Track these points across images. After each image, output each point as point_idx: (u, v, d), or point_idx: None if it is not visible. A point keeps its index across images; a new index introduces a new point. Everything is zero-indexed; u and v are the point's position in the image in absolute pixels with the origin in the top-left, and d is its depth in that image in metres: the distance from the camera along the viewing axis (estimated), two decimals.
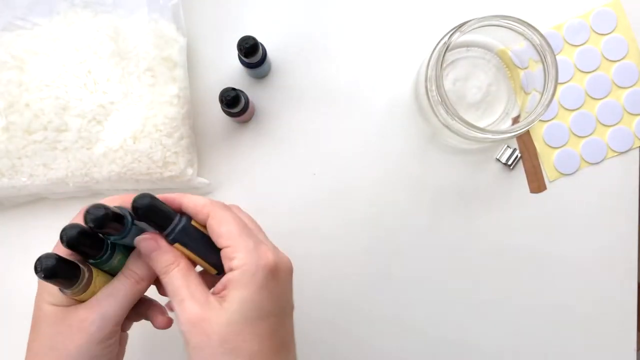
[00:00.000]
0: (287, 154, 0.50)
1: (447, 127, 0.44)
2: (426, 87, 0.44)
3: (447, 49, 0.42)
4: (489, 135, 0.42)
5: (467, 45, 0.48)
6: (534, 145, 0.51)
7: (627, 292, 0.51)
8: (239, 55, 0.45)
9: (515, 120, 0.48)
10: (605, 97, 0.51)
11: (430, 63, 0.43)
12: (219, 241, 0.32)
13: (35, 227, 0.50)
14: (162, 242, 0.33)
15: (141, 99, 0.44)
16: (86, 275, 0.32)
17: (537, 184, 0.51)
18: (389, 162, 0.50)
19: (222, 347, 0.30)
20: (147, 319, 0.37)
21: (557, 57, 0.50)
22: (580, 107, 0.51)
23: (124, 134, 0.44)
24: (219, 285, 0.32)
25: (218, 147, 0.50)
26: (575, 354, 0.51)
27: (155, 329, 0.37)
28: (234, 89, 0.43)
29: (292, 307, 0.35)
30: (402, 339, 0.50)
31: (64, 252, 0.32)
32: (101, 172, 0.44)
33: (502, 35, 0.44)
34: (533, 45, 0.43)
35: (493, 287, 0.51)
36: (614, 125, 0.51)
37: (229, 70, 0.50)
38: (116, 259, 0.33)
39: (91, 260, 0.33)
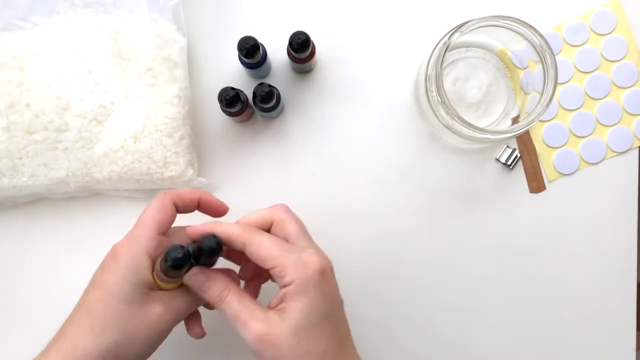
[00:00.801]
0: (287, 154, 0.50)
1: (447, 127, 0.44)
2: (426, 87, 0.44)
3: (447, 49, 0.42)
4: (489, 136, 0.43)
5: (467, 45, 0.48)
6: (534, 145, 0.51)
7: (626, 292, 0.51)
8: (239, 56, 0.46)
9: (515, 120, 0.48)
10: (605, 97, 0.51)
11: (430, 63, 0.43)
12: (265, 264, 0.35)
13: (36, 227, 0.50)
14: (210, 273, 0.36)
15: (142, 99, 0.44)
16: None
17: (536, 184, 0.51)
18: (389, 162, 0.50)
19: (294, 354, 0.33)
20: (185, 323, 0.40)
21: (557, 57, 0.50)
22: (580, 107, 0.51)
23: (125, 134, 0.44)
24: (274, 300, 0.35)
25: (218, 147, 0.50)
26: (575, 353, 0.51)
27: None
28: (233, 88, 0.43)
29: (342, 302, 0.38)
30: (399, 339, 0.50)
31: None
32: (102, 172, 0.44)
33: (502, 36, 0.44)
34: (533, 45, 0.43)
35: (492, 286, 0.51)
36: (614, 125, 0.51)
37: (229, 71, 0.50)
38: None
39: None
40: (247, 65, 0.47)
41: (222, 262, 0.39)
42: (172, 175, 0.45)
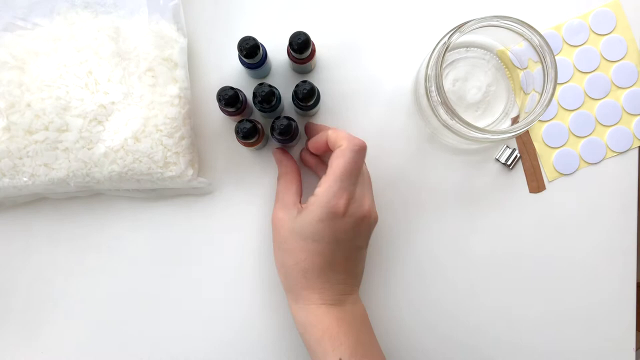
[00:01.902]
0: None
1: (446, 127, 0.44)
2: (426, 87, 0.44)
3: (446, 49, 0.42)
4: (489, 136, 0.43)
5: (467, 45, 0.48)
6: (534, 145, 0.51)
7: (626, 292, 0.51)
8: (239, 56, 0.46)
9: (515, 120, 0.48)
10: (605, 97, 0.51)
11: (430, 63, 0.43)
12: (328, 169, 0.41)
13: (36, 227, 0.50)
14: (285, 155, 0.48)
15: (142, 99, 0.44)
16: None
17: (536, 184, 0.51)
18: (389, 161, 0.50)
19: (283, 244, 0.43)
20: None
21: (557, 57, 0.50)
22: (580, 107, 0.51)
23: (125, 134, 0.44)
24: (310, 198, 0.42)
25: (219, 147, 0.50)
26: (575, 353, 0.51)
27: None
28: (232, 87, 0.43)
29: (357, 244, 0.44)
30: (401, 339, 0.50)
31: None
32: (102, 172, 0.44)
33: (502, 36, 0.44)
34: (532, 45, 0.43)
35: (492, 286, 0.51)
36: (613, 125, 0.51)
37: (230, 71, 0.50)
38: None
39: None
40: (247, 66, 0.47)
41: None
42: (172, 175, 0.45)
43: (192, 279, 0.50)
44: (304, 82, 0.43)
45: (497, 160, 0.51)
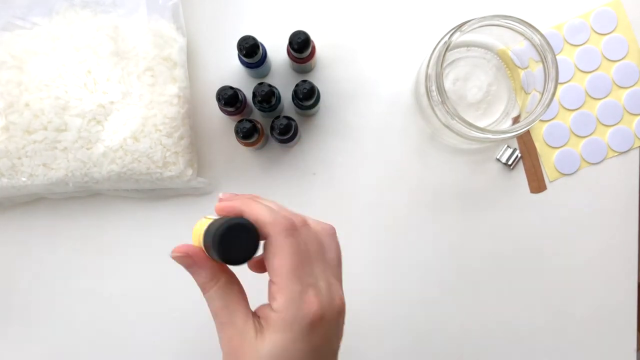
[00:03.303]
0: (287, 154, 0.50)
1: (447, 127, 0.44)
2: (426, 86, 0.44)
3: (447, 48, 0.42)
4: (489, 135, 0.42)
5: (468, 45, 0.48)
6: (534, 145, 0.51)
7: (627, 292, 0.51)
8: (239, 55, 0.45)
9: (516, 120, 0.48)
10: (606, 97, 0.51)
11: (431, 63, 0.43)
12: (269, 272, 0.31)
13: (35, 226, 0.49)
14: (198, 257, 0.32)
15: (141, 98, 0.44)
16: None
17: (537, 183, 0.51)
18: (389, 161, 0.50)
19: None
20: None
21: (558, 57, 0.50)
22: (581, 107, 0.51)
23: (124, 134, 0.44)
24: (260, 308, 0.32)
25: (218, 146, 0.50)
26: (576, 353, 0.51)
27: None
28: (231, 87, 0.43)
29: (332, 351, 0.34)
30: (398, 339, 0.50)
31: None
32: (101, 172, 0.44)
33: (503, 35, 0.44)
34: (533, 45, 0.43)
35: (493, 286, 0.51)
36: (614, 125, 0.51)
37: (229, 70, 0.50)
38: None
39: None
40: (247, 65, 0.47)
41: None
42: (171, 175, 0.45)
43: (192, 278, 0.50)
44: (304, 81, 0.43)
45: (498, 160, 0.50)
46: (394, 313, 0.50)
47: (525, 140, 0.51)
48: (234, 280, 0.33)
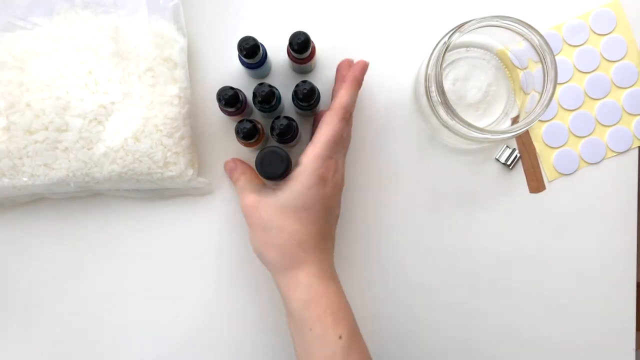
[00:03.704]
0: None
1: (446, 127, 0.44)
2: (426, 87, 0.44)
3: (446, 49, 0.42)
4: (489, 136, 0.43)
5: (467, 45, 0.48)
6: (533, 145, 0.51)
7: (626, 292, 0.51)
8: (239, 56, 0.46)
9: (515, 120, 0.48)
10: (605, 97, 0.51)
11: (430, 63, 0.43)
12: (314, 136, 0.41)
13: (36, 227, 0.50)
14: (238, 163, 0.48)
15: (142, 99, 0.44)
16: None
17: (536, 183, 0.51)
18: (389, 161, 0.50)
19: (271, 223, 0.40)
20: None
21: (557, 57, 0.50)
22: (580, 107, 0.51)
23: (125, 134, 0.44)
24: (296, 169, 0.41)
25: (218, 147, 0.50)
26: (575, 353, 0.51)
27: None
28: (232, 87, 0.43)
29: (336, 213, 0.44)
30: (398, 338, 0.51)
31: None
32: (102, 172, 0.44)
33: (502, 36, 0.44)
34: (532, 45, 0.43)
35: (492, 286, 0.51)
36: (613, 125, 0.51)
37: (230, 71, 0.50)
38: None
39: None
40: (247, 66, 0.47)
41: None
42: (172, 175, 0.45)
43: (192, 278, 0.50)
44: (304, 82, 0.43)
45: (497, 160, 0.51)
46: (392, 312, 0.50)
47: (525, 141, 0.51)
48: (257, 177, 0.45)
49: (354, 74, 0.43)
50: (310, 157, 0.40)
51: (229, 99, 0.43)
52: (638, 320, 0.51)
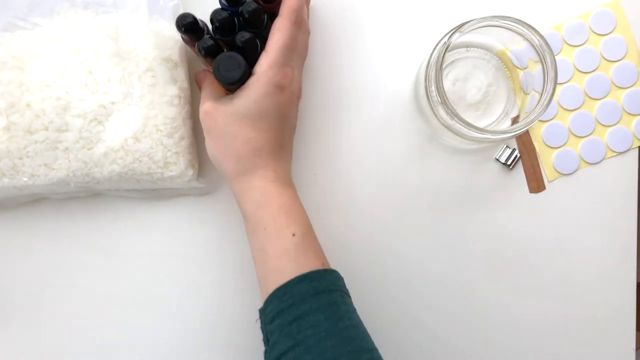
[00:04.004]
0: None
1: (446, 127, 0.44)
2: (426, 87, 0.44)
3: (446, 49, 0.42)
4: (489, 136, 0.43)
5: (467, 45, 0.48)
6: (533, 145, 0.51)
7: (626, 292, 0.51)
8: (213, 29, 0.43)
9: (515, 120, 0.48)
10: (605, 97, 0.51)
11: (430, 63, 0.43)
12: (267, 44, 0.40)
13: (36, 227, 0.50)
14: (207, 73, 0.46)
15: (142, 99, 0.44)
16: None
17: (536, 183, 0.51)
18: (389, 162, 0.50)
19: (225, 129, 0.40)
20: None
21: (557, 57, 0.50)
22: (580, 107, 0.51)
23: (125, 134, 0.44)
24: (251, 78, 0.40)
25: None
26: (575, 353, 0.51)
27: None
28: (193, 15, 0.41)
29: (293, 124, 0.44)
30: (400, 338, 0.51)
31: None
32: (102, 172, 0.44)
33: (502, 36, 0.44)
34: (532, 45, 0.43)
35: (492, 286, 0.51)
36: (613, 125, 0.51)
37: None
38: None
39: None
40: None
41: None
42: (172, 175, 0.45)
43: (192, 278, 0.50)
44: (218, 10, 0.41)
45: (497, 160, 0.51)
46: (392, 312, 0.50)
47: (525, 141, 0.51)
48: (223, 93, 0.43)
49: None
50: (265, 65, 0.39)
51: (188, 26, 0.41)
52: (638, 320, 0.51)
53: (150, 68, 0.45)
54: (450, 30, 0.42)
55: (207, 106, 0.41)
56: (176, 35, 0.47)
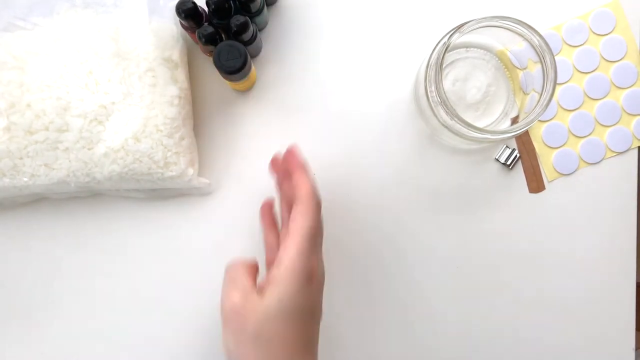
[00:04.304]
0: None
1: (446, 127, 0.44)
2: (426, 87, 0.44)
3: (446, 49, 0.42)
4: (488, 136, 0.43)
5: (467, 45, 0.48)
6: (533, 146, 0.51)
7: (625, 292, 0.51)
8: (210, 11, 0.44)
9: (514, 120, 0.48)
10: (604, 97, 0.51)
11: (430, 63, 0.43)
12: (290, 228, 0.36)
13: (37, 226, 0.50)
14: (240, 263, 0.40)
15: (142, 99, 0.44)
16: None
17: (536, 184, 0.51)
18: (389, 162, 0.51)
19: (256, 335, 0.35)
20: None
21: (556, 57, 0.50)
22: (579, 107, 0.51)
23: (125, 134, 0.44)
24: (263, 282, 0.36)
25: (219, 147, 0.50)
26: (575, 353, 0.51)
27: None
28: (193, 2, 0.41)
29: (320, 315, 0.39)
30: (401, 338, 0.51)
31: None
32: (102, 172, 0.44)
33: (502, 36, 0.44)
34: (532, 45, 0.43)
35: (492, 286, 0.51)
36: (613, 125, 0.51)
37: None
38: None
39: None
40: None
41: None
42: (172, 175, 0.45)
43: (192, 278, 0.50)
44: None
45: (497, 160, 0.51)
46: (392, 312, 0.51)
47: (524, 141, 0.51)
48: (250, 266, 0.39)
49: (295, 160, 0.41)
50: (294, 253, 0.35)
51: (188, 11, 0.41)
52: (638, 320, 0.51)
53: (150, 68, 0.45)
54: (450, 31, 0.42)
55: (235, 302, 0.36)
56: (176, 35, 0.47)
